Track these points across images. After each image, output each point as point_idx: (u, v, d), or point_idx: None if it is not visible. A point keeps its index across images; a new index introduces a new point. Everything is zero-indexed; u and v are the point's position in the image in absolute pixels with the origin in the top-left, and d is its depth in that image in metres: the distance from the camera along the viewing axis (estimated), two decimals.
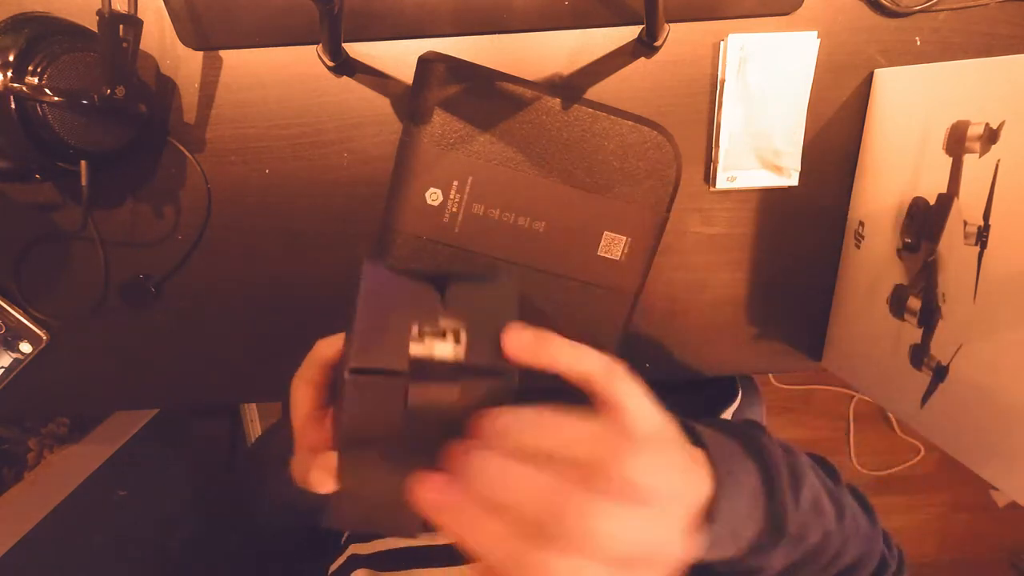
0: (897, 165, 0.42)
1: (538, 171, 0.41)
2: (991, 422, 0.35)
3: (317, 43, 0.41)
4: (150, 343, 0.47)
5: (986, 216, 0.35)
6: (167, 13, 0.40)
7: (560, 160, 0.40)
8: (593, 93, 0.43)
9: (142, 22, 0.36)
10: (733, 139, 0.44)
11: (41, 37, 0.35)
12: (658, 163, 0.41)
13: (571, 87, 0.43)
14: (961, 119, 0.36)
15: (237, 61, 0.41)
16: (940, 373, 0.38)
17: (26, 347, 0.46)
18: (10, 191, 0.43)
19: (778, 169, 0.45)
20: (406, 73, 0.42)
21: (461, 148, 0.40)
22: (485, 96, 0.39)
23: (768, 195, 0.47)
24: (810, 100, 0.44)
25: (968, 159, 0.36)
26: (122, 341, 0.47)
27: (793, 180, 0.46)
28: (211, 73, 0.42)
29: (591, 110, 0.40)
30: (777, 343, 0.51)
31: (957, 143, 0.36)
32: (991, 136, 0.34)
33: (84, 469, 0.75)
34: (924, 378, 0.39)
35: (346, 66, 0.42)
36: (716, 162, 0.45)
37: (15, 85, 0.34)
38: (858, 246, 0.46)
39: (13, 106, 0.34)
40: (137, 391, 0.49)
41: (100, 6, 0.33)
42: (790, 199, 0.47)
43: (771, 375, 1.45)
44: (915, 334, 0.40)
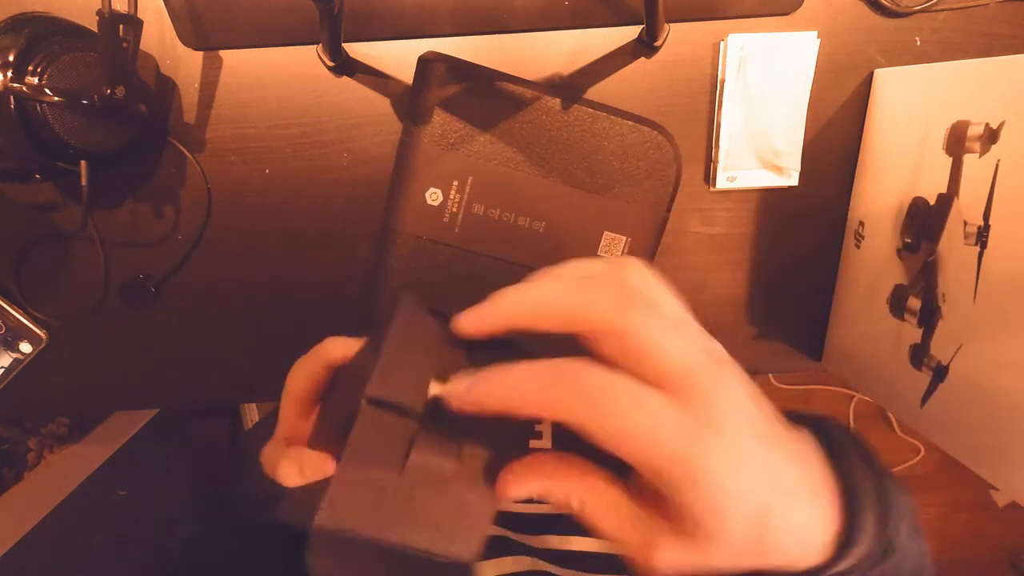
0: (897, 165, 0.42)
1: (538, 171, 0.41)
2: (991, 422, 0.35)
3: (317, 43, 0.41)
4: (150, 343, 0.47)
5: (986, 216, 0.35)
6: (167, 13, 0.40)
7: (560, 160, 0.40)
8: (593, 93, 0.43)
9: (142, 22, 0.36)
10: (733, 139, 0.44)
11: (41, 37, 0.35)
12: (658, 163, 0.41)
13: (571, 87, 0.43)
14: (961, 119, 0.36)
15: (237, 61, 0.41)
16: (940, 373, 0.38)
17: (26, 347, 0.46)
18: (10, 191, 0.43)
19: (778, 169, 0.45)
20: (406, 73, 0.42)
21: (461, 148, 0.40)
22: (485, 96, 0.39)
23: (768, 195, 0.47)
24: (810, 100, 0.44)
25: (968, 159, 0.36)
26: (122, 341, 0.47)
27: (793, 180, 0.46)
28: (211, 73, 0.42)
29: (591, 110, 0.40)
30: (777, 343, 0.51)
31: (957, 143, 0.36)
32: (991, 136, 0.34)
33: (84, 469, 0.75)
34: (924, 378, 0.39)
35: (346, 66, 0.42)
36: (716, 162, 0.45)
37: (15, 85, 0.34)
38: (858, 246, 0.46)
39: (13, 106, 0.34)
40: (137, 391, 0.49)
41: (100, 6, 0.33)
42: (790, 199, 0.47)
43: (771, 375, 1.45)
44: (915, 334, 0.40)
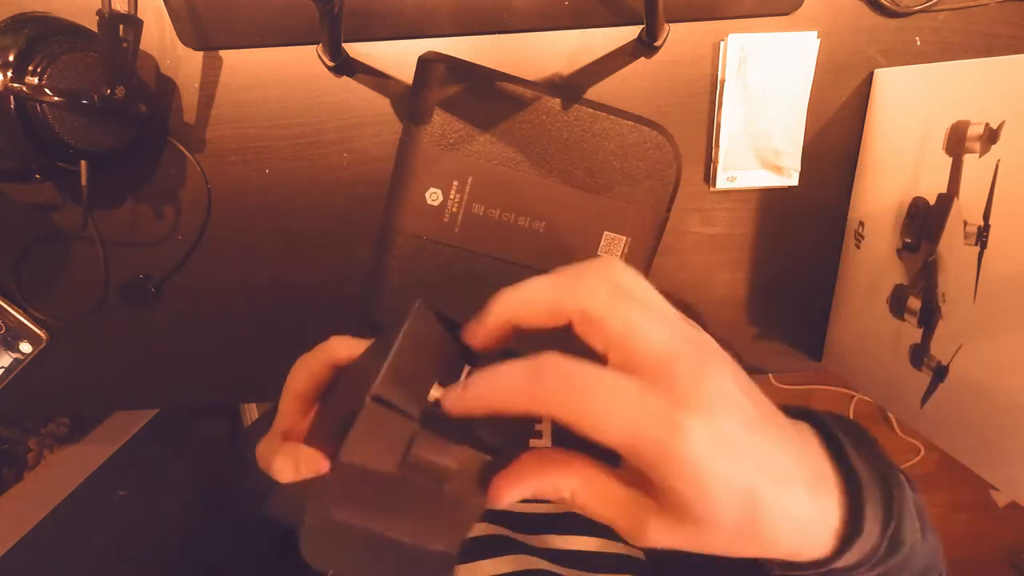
0: (897, 165, 0.42)
1: (538, 171, 0.41)
2: (991, 422, 0.35)
3: (317, 43, 0.41)
4: (150, 343, 0.47)
5: (986, 216, 0.35)
6: (167, 13, 0.40)
7: (560, 160, 0.40)
8: (593, 93, 0.43)
9: (142, 22, 0.36)
10: (733, 139, 0.44)
11: (41, 37, 0.35)
12: (658, 163, 0.41)
13: (571, 87, 0.43)
14: (961, 119, 0.36)
15: (237, 61, 0.41)
16: (940, 373, 0.38)
17: (26, 347, 0.46)
18: (10, 191, 0.43)
19: (778, 169, 0.45)
20: (406, 73, 0.42)
21: (461, 148, 0.40)
22: (485, 96, 0.39)
23: (768, 195, 0.47)
24: (810, 100, 0.44)
25: (968, 159, 0.36)
26: (122, 341, 0.47)
27: (793, 180, 0.46)
28: (211, 73, 0.42)
29: (591, 110, 0.40)
30: (777, 343, 0.51)
31: (957, 143, 0.36)
32: (991, 136, 0.34)
33: (84, 469, 0.75)
34: (924, 378, 0.39)
35: (346, 66, 0.42)
36: (716, 162, 0.45)
37: (15, 85, 0.34)
38: (858, 246, 0.46)
39: (13, 106, 0.34)
40: (137, 391, 0.49)
41: (100, 6, 0.33)
42: (790, 199, 0.47)
43: (771, 375, 1.45)
44: (915, 334, 0.40)
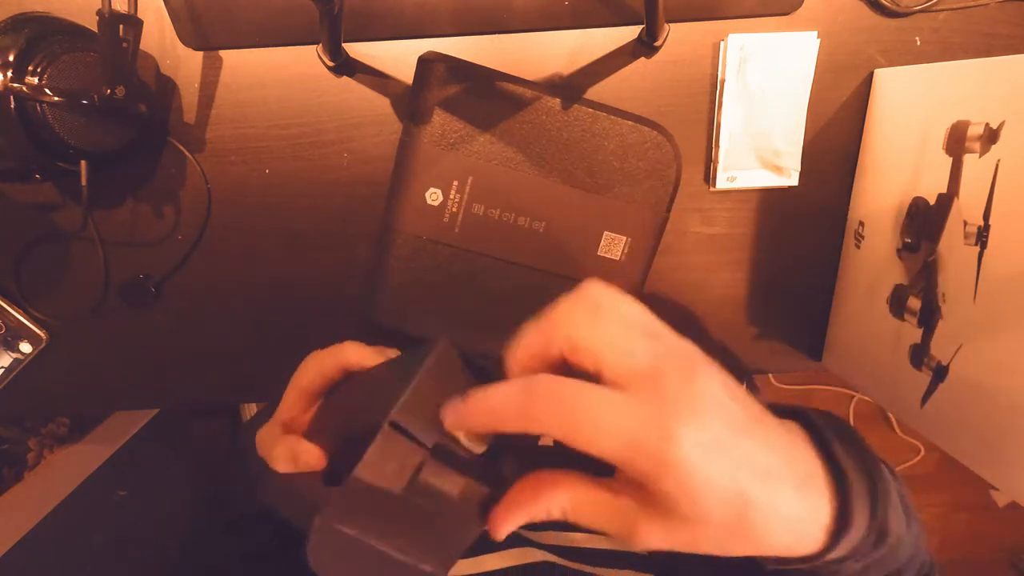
0: (897, 165, 0.42)
1: (538, 171, 0.41)
2: (991, 422, 0.35)
3: (317, 43, 0.41)
4: (150, 343, 0.47)
5: (986, 216, 0.35)
6: (167, 13, 0.40)
7: (560, 160, 0.40)
8: (593, 93, 0.43)
9: (142, 22, 0.36)
10: (733, 139, 0.44)
11: (41, 37, 0.35)
12: (658, 163, 0.41)
13: (571, 87, 0.43)
14: (961, 119, 0.36)
15: (237, 61, 0.41)
16: (940, 373, 0.38)
17: (26, 347, 0.46)
18: (10, 191, 0.43)
19: (778, 169, 0.45)
20: (406, 73, 0.42)
21: (461, 148, 0.40)
22: (485, 96, 0.39)
23: (768, 195, 0.47)
24: (810, 100, 0.44)
25: (968, 159, 0.36)
26: (122, 341, 0.47)
27: (793, 180, 0.46)
28: (211, 73, 0.42)
29: (591, 110, 0.40)
30: (777, 343, 0.51)
31: (957, 143, 0.36)
32: (991, 136, 0.34)
33: (84, 469, 0.75)
34: (924, 378, 0.39)
35: (346, 66, 0.42)
36: (716, 162, 0.45)
37: (15, 85, 0.34)
38: (858, 246, 0.46)
39: (13, 106, 0.34)
40: (137, 391, 0.49)
41: (100, 6, 0.33)
42: (790, 199, 0.47)
43: (771, 375, 1.45)
44: (915, 334, 0.40)
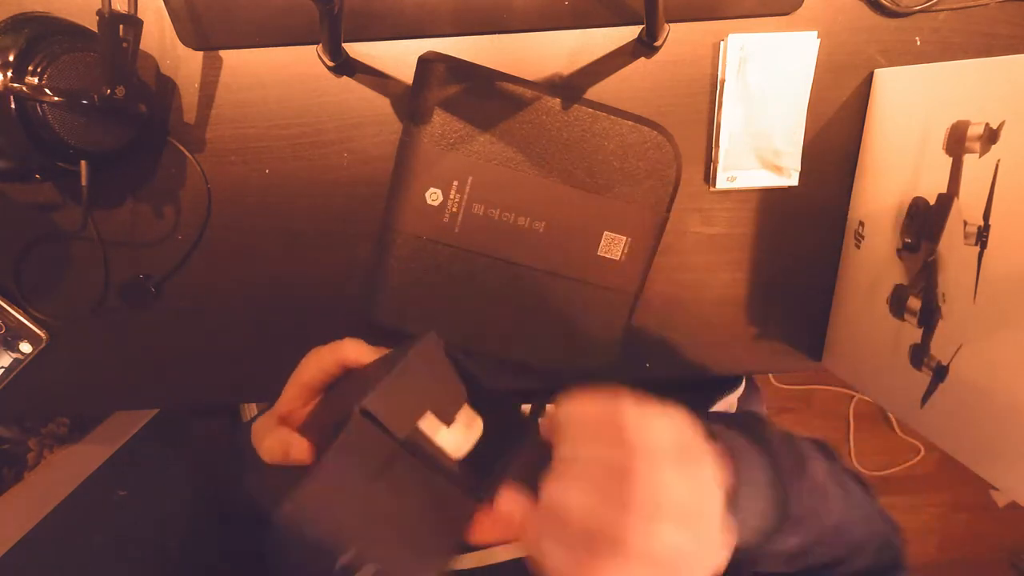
0: (897, 165, 0.42)
1: (538, 171, 0.41)
2: (991, 422, 0.35)
3: (317, 43, 0.41)
4: (150, 343, 0.47)
5: (986, 216, 0.35)
6: (167, 13, 0.40)
7: (560, 160, 0.40)
8: (593, 93, 0.43)
9: (142, 22, 0.36)
10: (733, 139, 0.44)
11: (41, 37, 0.35)
12: (658, 163, 0.41)
13: (571, 87, 0.43)
14: (961, 119, 0.36)
15: (237, 61, 0.41)
16: (940, 373, 0.38)
17: (26, 347, 0.46)
18: (10, 191, 0.43)
19: (778, 169, 0.45)
20: (406, 73, 0.42)
21: (461, 148, 0.40)
22: (485, 96, 0.39)
23: (768, 195, 0.47)
24: (810, 100, 0.44)
25: (968, 159, 0.36)
26: (122, 341, 0.47)
27: (793, 180, 0.46)
28: (211, 73, 0.42)
29: (591, 110, 0.40)
30: (777, 343, 0.51)
31: (957, 143, 0.36)
32: (991, 136, 0.34)
33: (84, 469, 0.75)
34: (924, 378, 0.39)
35: (346, 66, 0.42)
36: (716, 162, 0.45)
37: (15, 85, 0.34)
38: (858, 246, 0.46)
39: (13, 106, 0.34)
40: (137, 391, 0.49)
41: (100, 6, 0.33)
42: (790, 199, 0.47)
43: (771, 375, 1.45)
44: (915, 334, 0.40)
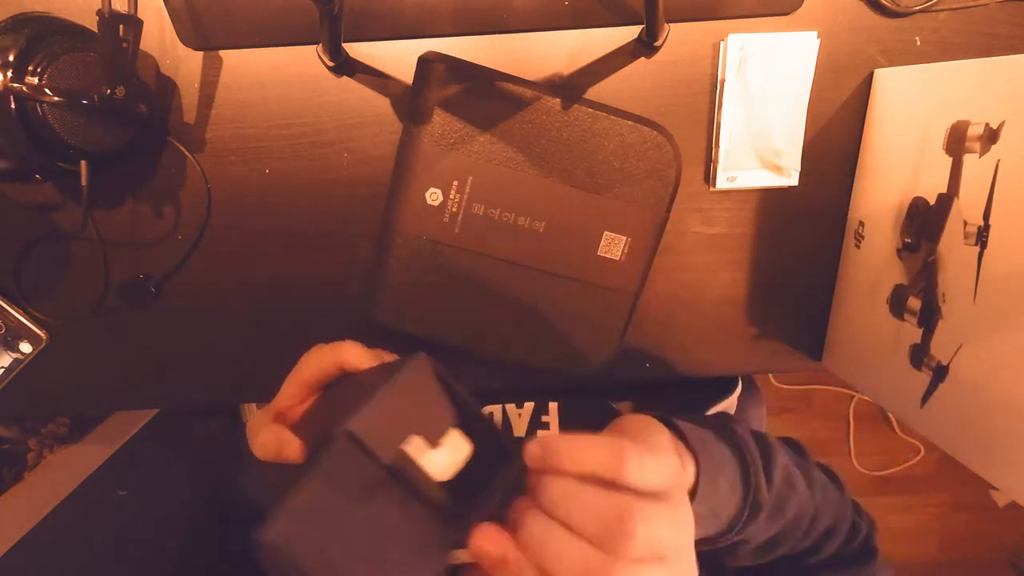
0: (897, 165, 0.42)
1: (538, 171, 0.41)
2: (991, 422, 0.35)
3: (317, 43, 0.41)
4: (150, 343, 0.47)
5: (986, 216, 0.35)
6: (167, 13, 0.40)
7: (560, 160, 0.40)
8: (593, 93, 0.43)
9: (142, 22, 0.36)
10: (733, 139, 0.44)
11: (41, 37, 0.35)
12: (658, 163, 0.41)
13: (571, 87, 0.43)
14: (961, 119, 0.36)
15: (237, 61, 0.41)
16: (940, 373, 0.38)
17: (26, 347, 0.46)
18: (10, 191, 0.43)
19: (778, 169, 0.45)
20: (406, 73, 0.42)
21: (461, 148, 0.40)
22: (485, 96, 0.39)
23: (768, 195, 0.47)
24: (810, 100, 0.44)
25: (968, 159, 0.36)
26: (122, 341, 0.47)
27: (793, 180, 0.46)
28: (211, 73, 0.42)
29: (591, 110, 0.40)
30: (777, 343, 0.51)
31: (957, 143, 0.36)
32: (991, 136, 0.34)
33: (84, 469, 0.75)
34: (924, 378, 0.39)
35: (346, 66, 0.42)
36: (716, 162, 0.45)
37: (15, 85, 0.34)
38: (858, 246, 0.46)
39: (13, 106, 0.34)
40: (137, 391, 0.49)
41: (100, 6, 0.33)
42: (790, 199, 0.47)
43: (771, 375, 1.45)
44: (915, 334, 0.40)
